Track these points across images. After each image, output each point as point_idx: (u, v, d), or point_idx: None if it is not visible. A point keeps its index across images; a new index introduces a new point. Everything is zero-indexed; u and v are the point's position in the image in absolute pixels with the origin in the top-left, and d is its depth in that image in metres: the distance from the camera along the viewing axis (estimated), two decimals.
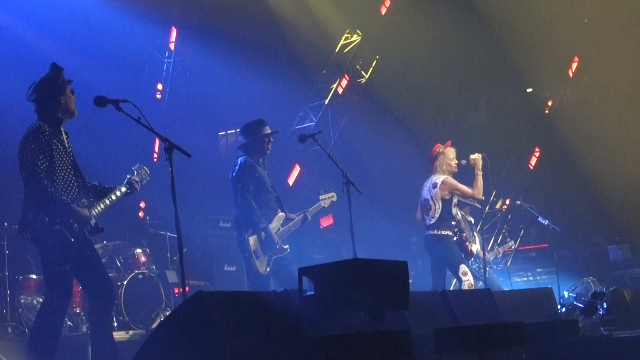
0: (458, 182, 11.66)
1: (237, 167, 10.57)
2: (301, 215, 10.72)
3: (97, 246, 12.35)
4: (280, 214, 10.60)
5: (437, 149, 11.69)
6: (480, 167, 11.64)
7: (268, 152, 10.65)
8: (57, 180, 7.78)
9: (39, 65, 14.38)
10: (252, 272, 10.39)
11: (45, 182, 7.65)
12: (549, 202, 18.86)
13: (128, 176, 8.64)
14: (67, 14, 15.06)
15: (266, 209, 10.46)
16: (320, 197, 10.96)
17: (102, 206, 8.16)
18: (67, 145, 8.00)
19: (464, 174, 11.87)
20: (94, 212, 8.03)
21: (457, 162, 11.69)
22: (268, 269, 10.28)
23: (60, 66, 8.08)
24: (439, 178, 11.53)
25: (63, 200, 7.71)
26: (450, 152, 11.73)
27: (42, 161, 7.69)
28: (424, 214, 11.69)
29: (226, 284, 14.74)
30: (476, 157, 11.71)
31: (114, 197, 8.33)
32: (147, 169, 8.95)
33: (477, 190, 11.54)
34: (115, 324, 12.11)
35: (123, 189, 8.46)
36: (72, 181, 7.90)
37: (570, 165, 21.18)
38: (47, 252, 7.72)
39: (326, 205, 11.00)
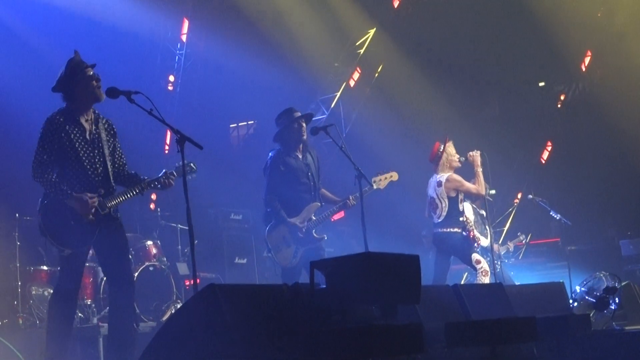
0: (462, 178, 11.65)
1: (266, 162, 10.58)
2: (342, 200, 10.52)
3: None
4: (314, 203, 10.43)
5: (439, 148, 11.64)
6: (479, 163, 11.61)
7: (304, 136, 10.46)
8: (67, 169, 7.78)
9: (50, 57, 14.53)
10: (279, 263, 10.38)
11: (47, 172, 7.69)
12: (561, 196, 18.80)
13: (164, 170, 8.48)
14: (80, 6, 15.07)
15: (295, 201, 10.37)
16: (373, 179, 10.67)
17: (121, 197, 8.05)
18: (91, 130, 7.96)
19: (463, 171, 11.83)
20: (108, 202, 7.92)
21: (458, 157, 11.66)
22: (294, 261, 10.20)
23: (74, 54, 8.07)
24: (443, 176, 11.51)
25: (61, 189, 7.69)
26: (451, 148, 11.70)
27: (46, 150, 7.72)
28: (431, 211, 11.68)
29: (237, 277, 14.76)
30: (474, 154, 11.69)
31: (137, 189, 8.17)
32: (193, 166, 8.69)
33: (480, 186, 11.52)
34: (133, 322, 12.12)
35: (153, 182, 8.30)
36: (88, 170, 7.87)
37: (582, 159, 21.14)
38: (47, 238, 7.76)
39: (382, 187, 10.76)
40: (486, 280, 11.12)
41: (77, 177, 7.82)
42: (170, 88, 16.86)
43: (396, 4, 19.24)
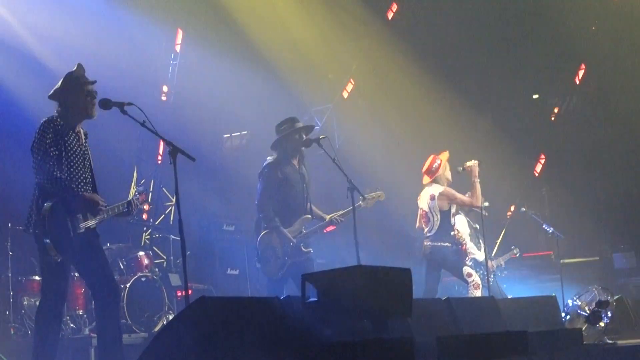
0: (455, 191, 11.62)
1: (263, 167, 10.56)
2: (328, 220, 10.54)
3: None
4: (306, 216, 10.46)
5: (435, 160, 11.61)
6: (476, 174, 11.58)
7: (303, 148, 10.45)
8: (67, 172, 7.79)
9: (43, 66, 14.52)
10: (265, 275, 10.41)
11: (54, 169, 7.67)
12: (554, 209, 18.83)
13: (137, 193, 8.61)
14: (73, 16, 15.06)
15: (288, 210, 10.38)
16: (360, 197, 10.45)
17: (108, 213, 8.09)
18: (82, 143, 8.02)
19: (461, 181, 11.81)
20: (101, 216, 7.97)
21: (455, 168, 11.64)
22: (280, 273, 10.20)
23: (74, 69, 8.07)
24: (436, 190, 11.49)
25: (71, 187, 7.71)
26: (447, 165, 11.68)
27: (53, 149, 7.71)
28: (422, 224, 11.66)
29: (229, 288, 14.74)
30: (472, 164, 11.64)
31: (116, 210, 8.23)
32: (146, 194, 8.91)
33: (476, 198, 11.49)
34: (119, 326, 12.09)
35: (120, 208, 8.32)
36: (85, 176, 7.93)
37: (575, 172, 21.14)
38: (44, 239, 7.67)
39: (369, 206, 10.71)
40: (477, 293, 11.11)
41: (76, 179, 7.85)
42: (163, 98, 16.86)
43: (390, 15, 19.25)
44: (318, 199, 11.01)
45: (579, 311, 11.41)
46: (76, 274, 10.68)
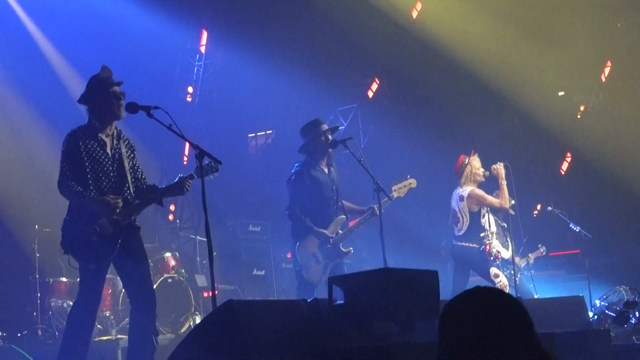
0: (485, 192, 11.58)
1: (291, 174, 10.52)
2: (369, 210, 10.35)
3: None
4: (340, 217, 10.40)
5: (463, 160, 11.59)
6: (503, 176, 11.53)
7: (330, 150, 10.42)
8: (89, 182, 7.79)
9: (72, 71, 14.62)
10: (302, 283, 10.30)
11: (72, 182, 7.71)
12: (581, 208, 18.73)
13: (180, 175, 8.33)
14: (98, 18, 15.14)
15: (320, 214, 10.33)
16: (393, 187, 10.59)
17: (142, 207, 8.07)
18: (112, 146, 8.00)
19: (487, 184, 11.77)
20: (127, 212, 7.91)
21: (483, 170, 11.60)
22: (325, 277, 9.97)
23: (102, 69, 8.09)
24: (465, 190, 11.46)
25: (87, 195, 7.71)
26: (476, 162, 11.64)
27: (69, 164, 7.77)
28: (452, 223, 11.65)
29: (255, 289, 14.76)
30: (498, 166, 11.60)
31: (153, 196, 8.17)
32: (214, 165, 8.26)
33: (504, 200, 11.44)
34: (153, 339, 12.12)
35: (168, 189, 8.21)
36: (108, 184, 7.90)
37: (602, 170, 21.00)
38: (73, 252, 7.76)
39: (402, 195, 10.63)
40: None
41: (99, 189, 7.81)
42: (189, 99, 16.89)
43: (415, 14, 19.21)
44: (344, 199, 10.98)
45: (606, 311, 11.35)
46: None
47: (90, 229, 7.70)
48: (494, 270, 11.31)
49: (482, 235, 11.45)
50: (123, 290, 10.80)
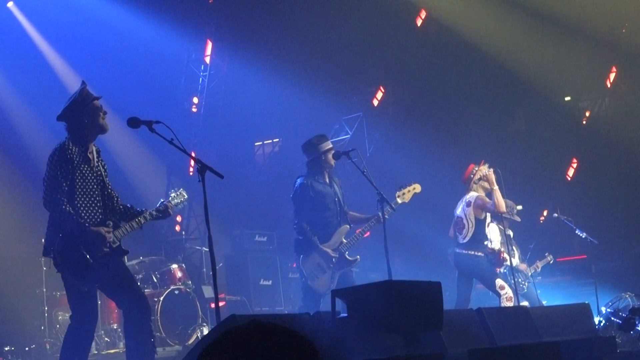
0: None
1: (294, 190, 10.65)
2: (374, 218, 10.47)
3: (133, 262, 12.54)
4: (343, 227, 10.52)
5: (472, 169, 11.61)
6: (494, 181, 11.53)
7: (332, 164, 10.58)
8: (78, 200, 7.68)
9: (72, 83, 14.67)
10: (307, 294, 10.43)
11: (64, 201, 7.56)
12: (587, 214, 18.68)
13: (162, 200, 8.48)
14: (103, 30, 15.21)
15: (324, 226, 10.45)
16: (397, 193, 10.72)
17: (127, 228, 8.00)
18: (94, 164, 7.91)
19: None
20: (117, 234, 7.90)
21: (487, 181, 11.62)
22: (332, 286, 10.11)
23: (84, 83, 8.05)
24: (472, 196, 11.46)
25: (78, 222, 7.61)
26: (484, 170, 11.64)
27: (62, 180, 7.61)
28: (456, 231, 11.62)
29: (262, 299, 14.76)
30: (488, 173, 11.60)
31: (142, 220, 8.13)
32: (184, 193, 8.76)
33: (498, 204, 11.40)
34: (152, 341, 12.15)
35: (154, 213, 8.27)
36: (96, 202, 7.80)
37: (608, 176, 20.98)
38: (65, 273, 7.64)
39: (407, 200, 10.77)
40: (510, 305, 11.05)
41: (87, 208, 7.74)
42: (194, 110, 16.93)
43: (419, 22, 19.22)
44: (349, 209, 11.04)
45: (612, 318, 11.31)
46: None
47: (84, 249, 7.62)
48: (499, 282, 11.29)
49: (485, 242, 11.44)
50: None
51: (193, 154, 15.59)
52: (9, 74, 14.54)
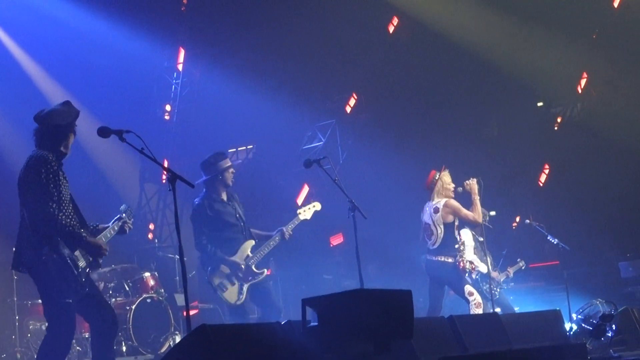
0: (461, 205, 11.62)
1: (193, 209, 10.83)
2: (278, 233, 10.76)
3: (105, 270, 12.53)
4: (248, 242, 10.69)
5: (434, 176, 11.65)
6: (476, 191, 11.58)
7: (230, 183, 10.77)
8: (64, 211, 7.61)
9: (47, 90, 14.62)
10: (226, 304, 10.66)
11: (58, 213, 7.48)
12: (559, 220, 18.78)
13: (119, 216, 8.49)
14: (74, 37, 15.16)
15: (228, 242, 10.59)
16: (298, 211, 11.08)
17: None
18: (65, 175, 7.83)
19: (460, 198, 11.81)
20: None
21: (454, 186, 11.65)
22: (242, 297, 10.40)
23: (64, 102, 8.00)
24: (440, 202, 11.47)
25: (79, 232, 7.60)
26: (447, 177, 11.69)
27: (53, 191, 7.52)
28: (425, 237, 11.65)
29: None
30: (471, 182, 11.66)
31: (108, 235, 8.25)
32: (131, 211, 8.80)
33: (478, 214, 11.47)
34: (124, 349, 12.12)
35: (116, 228, 8.36)
36: (73, 213, 7.75)
37: (579, 182, 21.11)
38: (49, 285, 7.51)
39: (308, 217, 11.08)
40: (479, 312, 11.08)
41: (69, 219, 7.63)
42: (167, 117, 16.90)
43: (391, 29, 19.27)
44: (319, 217, 11.10)
45: (583, 325, 11.37)
46: None
47: (68, 263, 7.58)
48: (468, 288, 11.30)
49: (456, 246, 11.47)
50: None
51: (166, 162, 15.70)
52: None
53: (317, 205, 11.22)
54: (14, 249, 7.80)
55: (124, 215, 8.55)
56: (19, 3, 14.65)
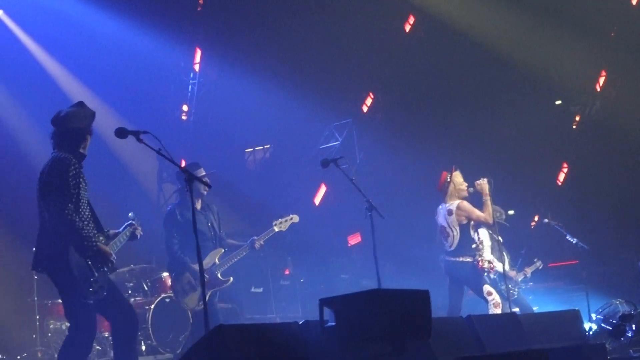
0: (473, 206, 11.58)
1: (164, 215, 11.16)
2: (247, 243, 11.02)
3: (124, 269, 12.57)
4: (216, 250, 10.90)
5: (446, 178, 11.61)
6: (487, 191, 11.53)
7: (204, 192, 10.80)
8: (82, 215, 7.66)
9: (64, 91, 14.68)
10: (186, 307, 10.93)
11: (75, 216, 7.52)
12: (578, 219, 18.69)
13: (130, 222, 8.57)
14: (92, 38, 15.21)
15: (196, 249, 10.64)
16: (274, 222, 11.23)
17: (115, 247, 8.12)
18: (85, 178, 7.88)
19: (471, 199, 11.77)
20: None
21: (467, 185, 11.61)
22: (201, 303, 10.33)
23: (78, 104, 8.05)
24: (453, 204, 11.45)
25: (90, 237, 7.62)
26: (459, 177, 11.66)
27: (73, 193, 7.58)
28: (442, 239, 11.64)
29: (254, 306, 14.76)
30: (482, 182, 11.61)
31: (122, 240, 8.33)
32: (138, 219, 8.87)
33: (488, 214, 11.43)
34: (144, 348, 12.16)
35: (128, 234, 8.43)
36: (91, 217, 7.80)
37: (598, 180, 20.99)
38: (70, 286, 7.58)
39: (283, 229, 11.30)
40: (498, 311, 11.06)
41: (88, 223, 7.69)
42: (184, 117, 16.91)
43: (408, 28, 19.24)
44: (337, 216, 11.10)
45: (603, 325, 11.33)
46: None
47: (88, 264, 7.64)
48: (487, 287, 11.28)
49: (473, 246, 11.45)
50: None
51: (183, 163, 15.71)
52: (2, 80, 14.54)
53: (294, 218, 11.41)
54: (33, 249, 7.86)
55: (134, 222, 8.59)
56: (39, 5, 14.72)
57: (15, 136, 14.36)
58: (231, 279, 10.93)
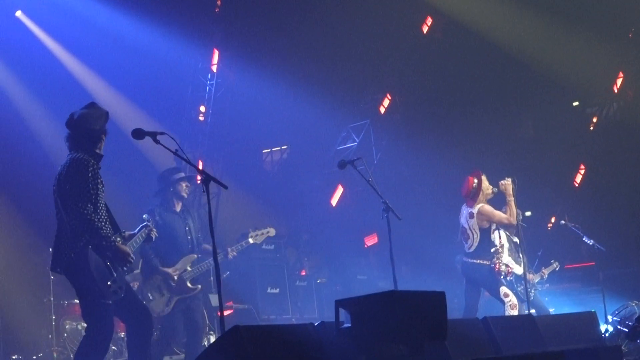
0: (494, 208, 11.55)
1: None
2: (222, 253, 10.93)
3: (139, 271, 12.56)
4: (190, 255, 10.84)
5: (473, 183, 11.55)
6: (511, 192, 11.48)
7: (184, 195, 10.99)
8: (100, 215, 7.68)
9: (83, 92, 14.73)
10: (152, 312, 10.64)
11: (94, 216, 7.55)
12: (595, 220, 18.64)
13: (145, 224, 8.68)
14: (110, 40, 15.27)
15: (172, 252, 10.74)
16: (250, 233, 11.41)
17: (131, 249, 8.13)
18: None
19: (495, 200, 11.75)
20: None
21: (492, 187, 11.58)
22: (167, 309, 10.57)
23: (92, 105, 8.07)
24: (475, 207, 11.43)
25: (109, 237, 7.64)
26: (485, 182, 11.62)
27: (92, 193, 7.61)
28: (462, 240, 11.64)
29: (270, 307, 14.75)
30: (506, 182, 11.55)
31: (138, 240, 8.43)
32: (151, 220, 9.09)
33: (512, 216, 11.42)
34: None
35: (144, 235, 8.53)
36: (107, 218, 7.82)
37: (615, 182, 20.93)
38: (88, 287, 7.60)
39: (258, 242, 11.53)
40: (514, 313, 11.05)
41: (105, 224, 7.70)
42: (201, 118, 16.92)
43: (425, 29, 19.23)
44: (354, 217, 11.10)
45: (619, 327, 11.30)
46: None
47: (106, 265, 7.67)
48: (504, 289, 11.28)
49: (492, 250, 11.43)
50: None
51: (200, 164, 15.76)
52: (23, 80, 14.62)
53: (271, 232, 11.63)
54: (51, 249, 7.89)
55: (149, 223, 8.65)
56: (59, 6, 14.79)
57: (35, 137, 14.42)
58: (199, 286, 10.90)
